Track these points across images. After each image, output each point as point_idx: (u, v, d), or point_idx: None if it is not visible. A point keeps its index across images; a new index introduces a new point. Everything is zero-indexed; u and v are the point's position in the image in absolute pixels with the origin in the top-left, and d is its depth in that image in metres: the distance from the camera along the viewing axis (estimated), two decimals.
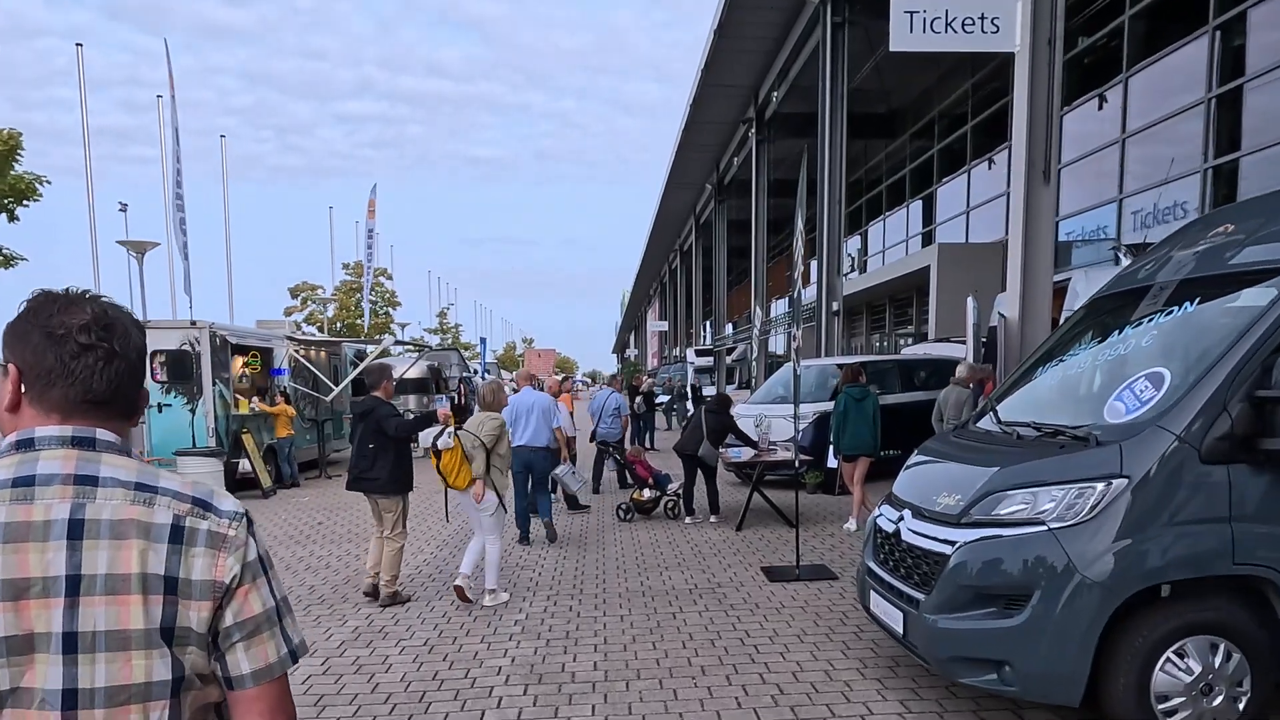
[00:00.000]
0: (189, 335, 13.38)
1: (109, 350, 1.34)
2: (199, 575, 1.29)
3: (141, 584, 1.24)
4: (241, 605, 1.33)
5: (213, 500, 1.37)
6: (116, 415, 1.38)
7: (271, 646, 1.36)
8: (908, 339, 22.01)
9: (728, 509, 10.91)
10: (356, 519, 11.01)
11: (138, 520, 1.27)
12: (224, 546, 1.33)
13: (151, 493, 1.30)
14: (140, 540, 1.26)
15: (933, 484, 4.43)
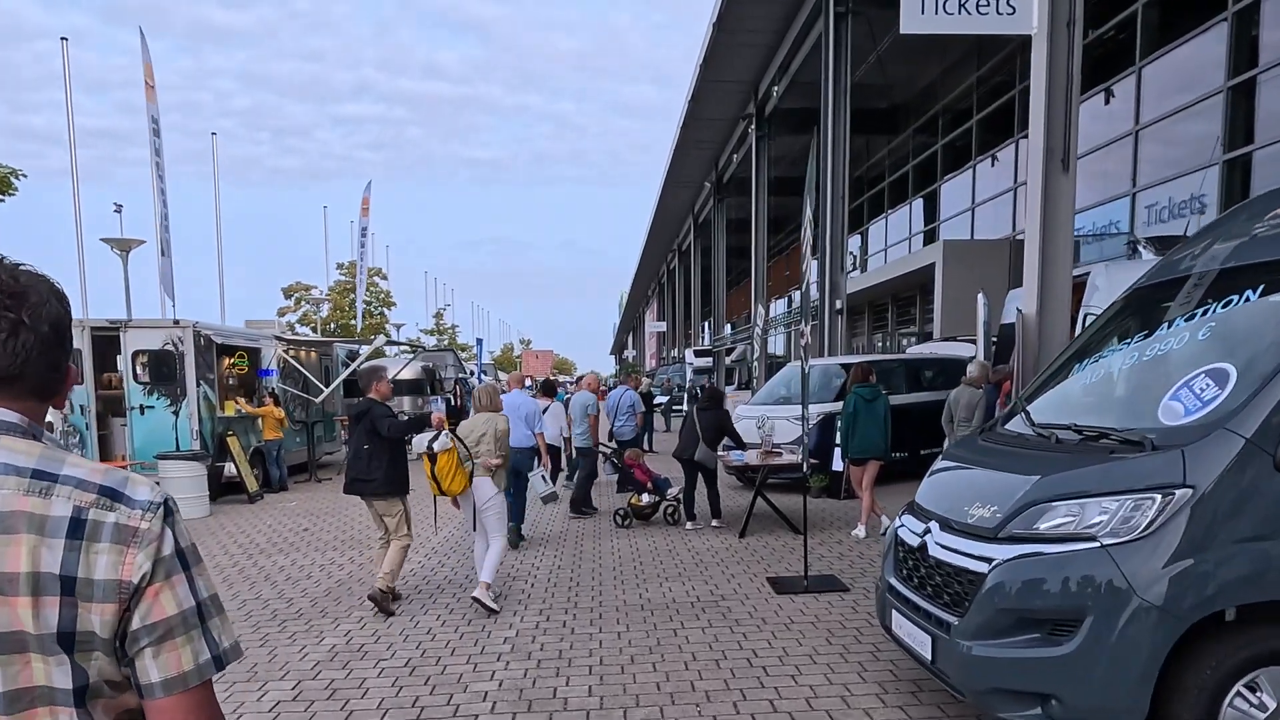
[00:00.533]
0: (172, 335, 12.94)
1: (15, 321, 1.20)
2: (102, 574, 1.16)
3: (32, 584, 1.12)
4: (151, 606, 1.19)
5: (125, 489, 1.22)
6: (26, 394, 1.24)
7: (187, 652, 1.21)
8: (911, 338, 21.60)
9: (730, 514, 10.49)
10: (344, 525, 10.58)
11: (29, 513, 1.15)
12: (133, 541, 1.19)
13: (50, 480, 1.18)
14: (31, 535, 1.14)
15: (963, 493, 4.00)
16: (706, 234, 36.64)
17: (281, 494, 14.06)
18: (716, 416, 9.82)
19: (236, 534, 10.29)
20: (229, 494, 13.36)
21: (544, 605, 6.62)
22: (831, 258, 15.66)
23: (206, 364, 13.46)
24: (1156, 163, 12.75)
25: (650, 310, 74.89)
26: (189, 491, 11.76)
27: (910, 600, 4.06)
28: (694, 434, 9.60)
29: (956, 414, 9.06)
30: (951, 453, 4.64)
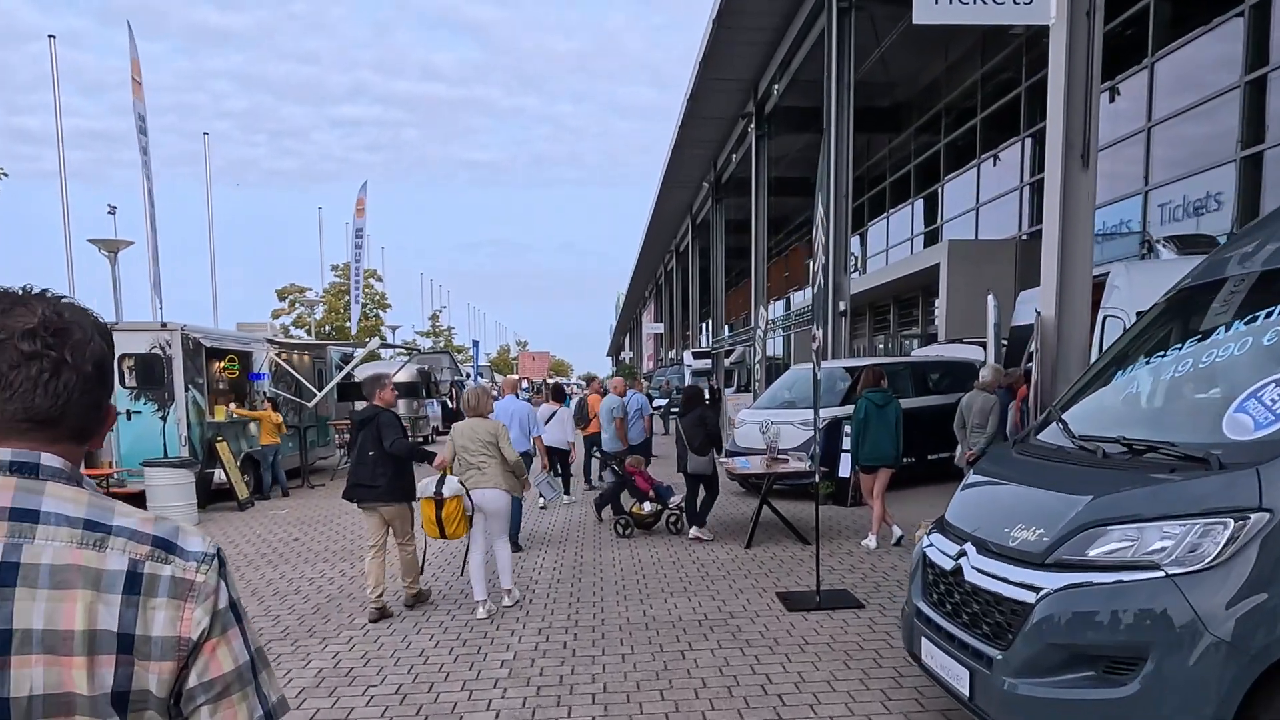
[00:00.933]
0: (159, 338, 12.60)
1: (57, 360, 1.16)
2: (160, 631, 1.12)
3: (88, 643, 1.07)
4: (208, 663, 1.16)
5: (178, 540, 1.18)
6: (66, 437, 1.19)
7: (243, 709, 1.18)
8: (914, 341, 21.30)
9: (734, 523, 10.17)
10: (336, 534, 10.24)
11: (85, 566, 1.10)
12: (191, 596, 1.15)
13: (104, 532, 1.13)
14: (88, 591, 1.09)
15: (1002, 513, 3.68)
16: (705, 235, 36.31)
17: (273, 501, 13.71)
18: (699, 416, 9.22)
19: (224, 544, 9.91)
20: (219, 501, 13.02)
21: (543, 623, 6.28)
22: (835, 258, 15.33)
23: (195, 367, 13.12)
24: (1170, 160, 12.45)
25: (647, 312, 74.53)
26: (176, 500, 11.41)
27: (944, 629, 3.73)
28: (681, 445, 9.11)
29: (969, 419, 8.75)
30: (984, 467, 4.30)
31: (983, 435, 8.55)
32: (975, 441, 8.65)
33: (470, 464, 6.61)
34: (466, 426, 6.77)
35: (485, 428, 6.69)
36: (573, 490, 12.87)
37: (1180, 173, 12.13)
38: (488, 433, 6.64)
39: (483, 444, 6.57)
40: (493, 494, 6.57)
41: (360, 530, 10.42)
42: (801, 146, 24.66)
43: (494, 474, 6.56)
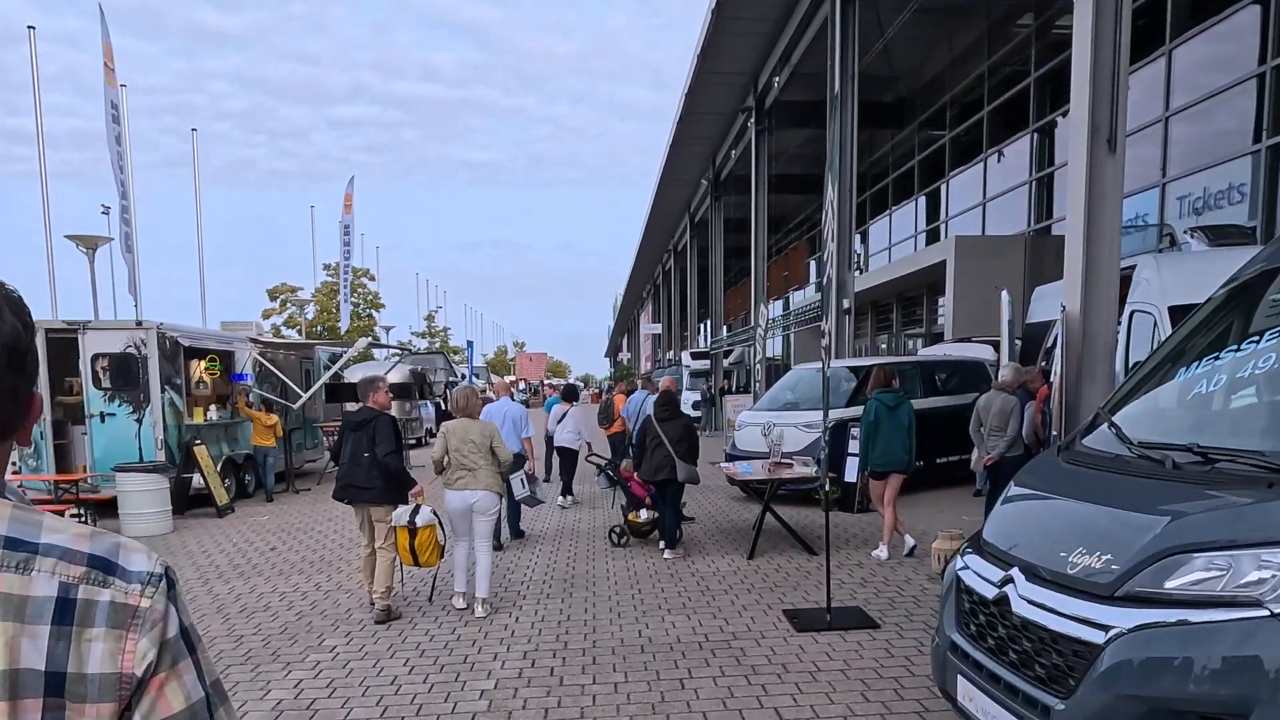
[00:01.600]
0: (134, 337, 12.06)
1: None
2: (98, 668, 0.94)
3: (9, 686, 0.89)
4: (155, 702, 0.97)
5: (118, 558, 1.00)
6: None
7: None
8: (917, 340, 20.80)
9: (734, 530, 9.66)
10: (316, 544, 9.70)
11: (5, 594, 0.92)
12: (134, 624, 0.97)
13: (29, 552, 0.95)
14: (9, 623, 0.91)
15: (1056, 534, 3.15)
16: (703, 233, 35.78)
17: (255, 507, 13.17)
18: (684, 425, 8.53)
19: (197, 554, 9.41)
20: (199, 506, 12.49)
21: (529, 645, 5.76)
22: (839, 255, 14.80)
23: (173, 368, 12.58)
24: (1190, 150, 11.94)
25: (645, 312, 74.04)
26: (149, 506, 10.89)
27: (986, 668, 3.20)
28: (664, 450, 8.35)
29: (987, 422, 8.22)
30: (1028, 479, 3.77)
31: (1002, 438, 8.04)
32: (993, 445, 8.13)
33: (462, 465, 6.54)
34: (459, 427, 6.68)
35: (478, 429, 6.65)
36: (574, 492, 12.49)
37: (1200, 164, 11.62)
38: (481, 434, 6.61)
39: (475, 445, 6.53)
40: (484, 496, 6.52)
41: (341, 539, 9.92)
42: (801, 142, 24.16)
43: (485, 476, 6.52)
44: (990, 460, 8.15)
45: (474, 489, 6.49)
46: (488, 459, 6.55)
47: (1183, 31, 11.99)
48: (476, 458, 6.51)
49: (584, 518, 10.98)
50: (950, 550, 6.87)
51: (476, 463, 6.50)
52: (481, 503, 6.51)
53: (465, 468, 6.52)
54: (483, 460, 6.53)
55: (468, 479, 6.50)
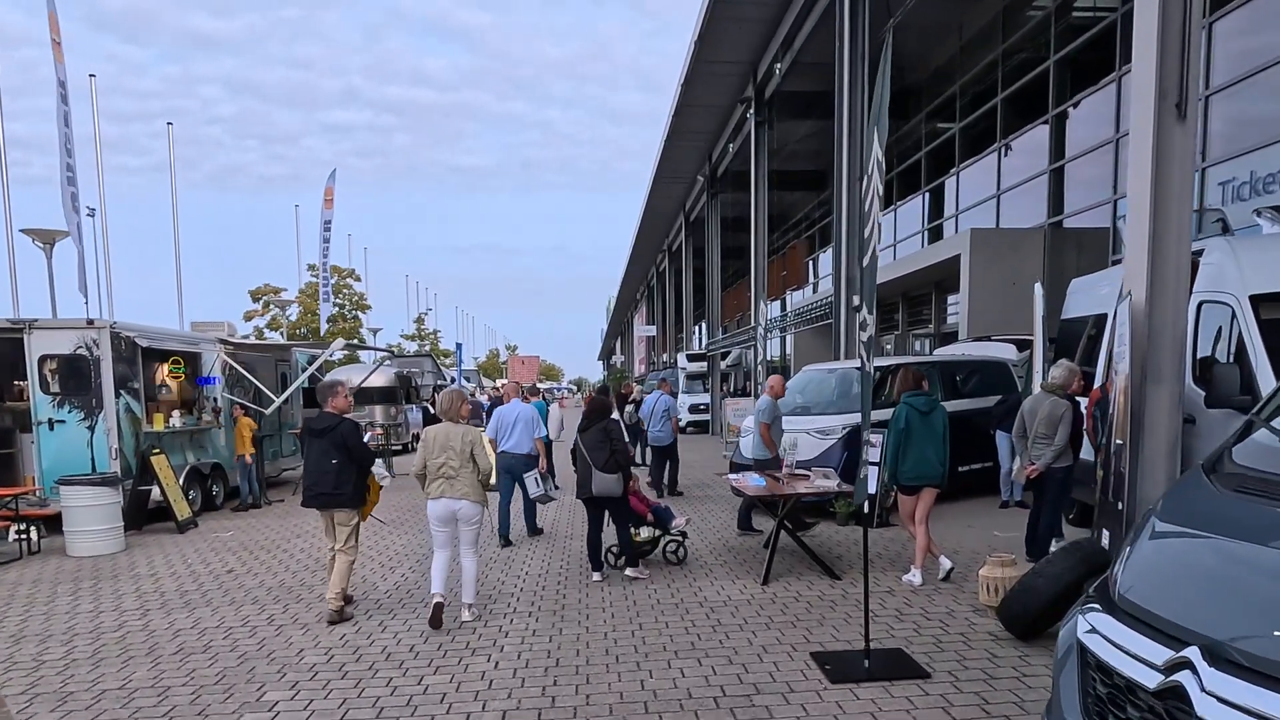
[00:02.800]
0: (85, 336, 11.05)
1: None
2: None
3: None
4: None
5: None
6: None
7: None
8: (926, 340, 19.89)
9: (743, 549, 8.71)
10: (279, 565, 8.70)
11: None
12: None
13: None
14: None
15: (1252, 596, 2.21)
16: (699, 232, 34.86)
17: (221, 520, 12.15)
18: (603, 432, 7.53)
19: (144, 577, 8.41)
20: (161, 520, 11.49)
21: (510, 702, 4.78)
22: (849, 248, 13.90)
23: (129, 371, 11.59)
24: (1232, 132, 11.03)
25: (639, 315, 73.09)
26: (97, 523, 9.87)
27: None
28: (585, 461, 7.48)
29: (1032, 428, 7.29)
30: (1177, 511, 2.82)
31: (1048, 447, 7.11)
32: (1038, 454, 7.20)
33: (440, 474, 6.29)
34: (440, 433, 6.40)
35: (459, 435, 6.36)
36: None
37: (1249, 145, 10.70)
38: (463, 441, 6.32)
39: (456, 452, 6.27)
40: (466, 505, 6.32)
41: (307, 559, 8.93)
42: (801, 136, 23.25)
43: (465, 484, 6.28)
44: (1034, 471, 7.22)
45: (452, 497, 6.26)
46: (468, 467, 6.27)
47: (1221, 6, 11.09)
48: (456, 465, 6.24)
49: (577, 532, 10.01)
50: (1001, 579, 5.93)
51: (456, 470, 6.24)
52: (464, 511, 6.30)
53: (445, 476, 6.26)
54: (462, 468, 6.25)
55: (445, 487, 6.26)
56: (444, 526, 6.37)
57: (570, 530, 10.27)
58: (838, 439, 10.22)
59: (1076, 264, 14.67)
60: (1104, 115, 13.86)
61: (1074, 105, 14.83)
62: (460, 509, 6.30)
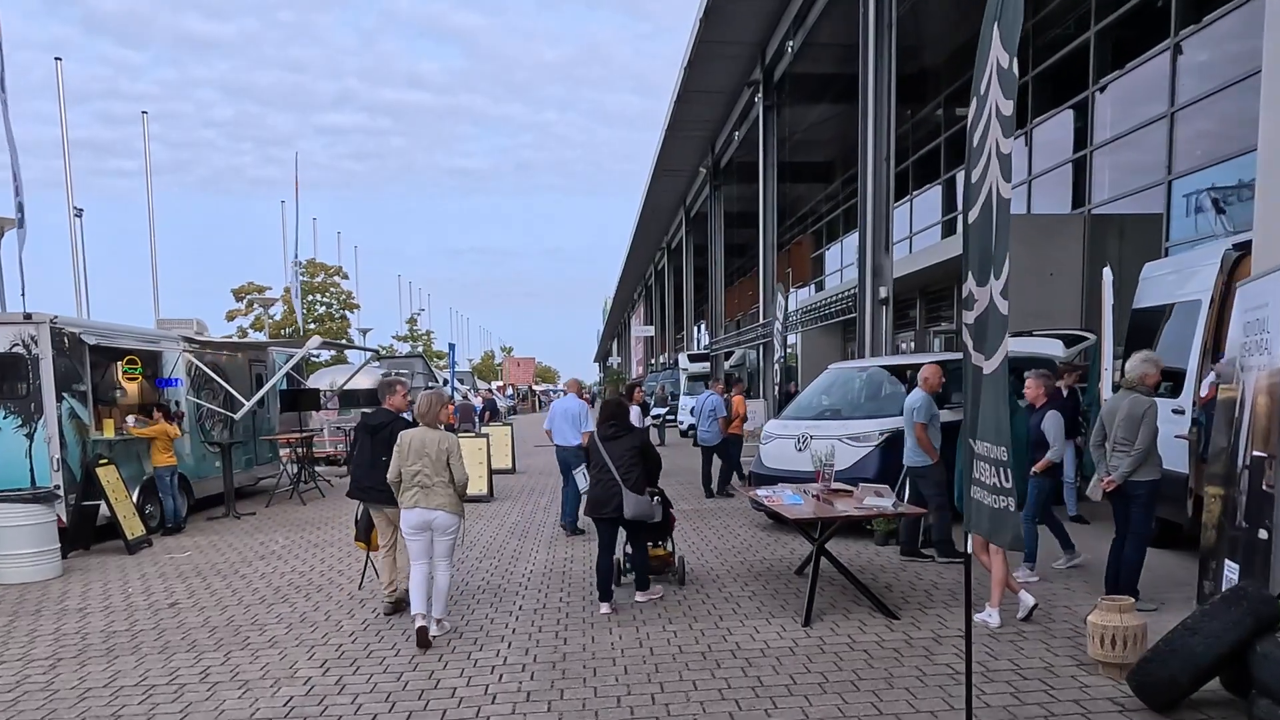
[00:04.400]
0: (21, 333, 9.79)
1: None
2: None
3: None
4: None
5: None
6: None
7: None
8: (947, 337, 18.67)
9: (769, 572, 7.50)
10: (234, 596, 7.44)
11: None
12: None
13: None
14: None
15: None
16: (700, 228, 33.68)
17: (180, 539, 10.89)
18: (634, 443, 6.68)
19: (71, 612, 7.17)
20: (109, 539, 10.23)
21: None
22: (874, 235, 12.69)
23: (74, 371, 10.32)
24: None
25: (636, 315, 71.85)
26: (26, 546, 8.62)
27: None
28: (610, 477, 6.53)
29: (1113, 432, 6.06)
30: None
31: (1126, 455, 5.89)
32: (1116, 463, 5.98)
33: (415, 483, 5.88)
34: (416, 438, 5.95)
35: (435, 441, 5.93)
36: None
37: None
38: (439, 448, 5.89)
39: (432, 460, 5.86)
40: (442, 516, 5.91)
41: (267, 589, 7.60)
42: (809, 125, 22.04)
43: (441, 495, 5.89)
44: (1110, 484, 5.98)
45: (426, 507, 5.87)
46: (443, 476, 5.89)
47: None
48: (431, 474, 5.86)
49: (578, 554, 8.78)
50: (1120, 630, 4.69)
51: (431, 479, 5.86)
52: (439, 521, 5.92)
53: (420, 485, 5.87)
54: (437, 477, 5.87)
55: (420, 497, 5.87)
56: (419, 535, 5.97)
57: (566, 559, 9.03)
58: (874, 447, 9.00)
59: (1119, 252, 13.51)
60: (1154, 89, 12.67)
61: (1118, 76, 13.64)
62: (435, 519, 5.91)
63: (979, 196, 3.69)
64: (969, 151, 3.80)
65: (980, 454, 3.77)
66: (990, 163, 3.58)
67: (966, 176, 3.89)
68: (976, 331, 3.78)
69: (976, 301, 3.77)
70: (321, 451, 20.82)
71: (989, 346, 3.68)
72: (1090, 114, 14.17)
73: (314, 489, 15.05)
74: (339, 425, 20.01)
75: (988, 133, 3.62)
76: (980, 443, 3.77)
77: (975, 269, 3.75)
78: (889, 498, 6.36)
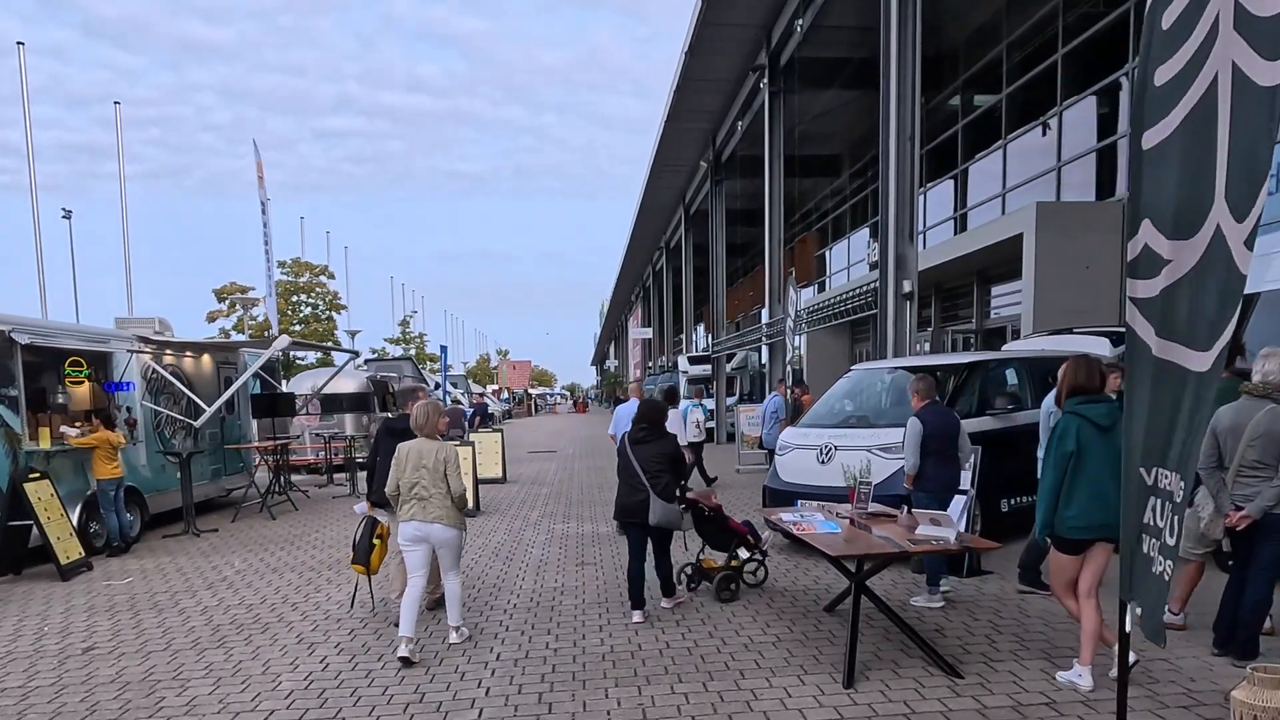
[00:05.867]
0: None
1: None
2: None
3: None
4: None
5: None
6: None
7: None
8: (968, 337, 17.55)
9: (794, 607, 6.34)
10: (163, 636, 6.27)
11: None
12: None
13: None
14: None
15: None
16: (700, 226, 32.54)
17: (124, 561, 9.73)
18: (663, 449, 6.36)
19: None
20: (42, 563, 9.07)
21: None
22: (896, 222, 11.55)
23: (4, 374, 9.18)
24: None
25: (633, 317, 70.72)
26: None
27: None
28: (638, 483, 6.26)
29: (1240, 453, 4.89)
30: None
31: (1266, 482, 4.75)
32: (1248, 492, 4.84)
33: (413, 495, 5.75)
34: (414, 450, 5.83)
35: (434, 452, 5.81)
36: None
37: None
38: (436, 459, 5.77)
39: (429, 471, 5.74)
40: (439, 529, 5.76)
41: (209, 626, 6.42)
42: (820, 111, 20.89)
43: (438, 506, 5.75)
44: (1245, 520, 4.84)
45: (424, 521, 5.73)
46: (441, 487, 5.73)
47: None
48: (429, 485, 5.73)
49: (570, 583, 7.63)
50: (1271, 710, 3.55)
51: (429, 491, 5.73)
52: (436, 534, 5.76)
53: (416, 497, 5.76)
54: (435, 489, 5.73)
55: (417, 510, 5.75)
56: (415, 546, 5.80)
57: (561, 582, 7.88)
58: None
59: None
60: None
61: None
62: (432, 533, 5.74)
63: (1179, 101, 2.49)
64: (1154, 39, 2.60)
65: (1161, 488, 2.60)
66: (1216, 37, 2.36)
67: (1146, 78, 2.70)
68: (1166, 308, 2.57)
69: (1168, 263, 2.56)
70: (303, 459, 19.70)
71: (1202, 330, 2.41)
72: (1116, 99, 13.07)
73: (286, 501, 13.93)
74: (319, 432, 18.85)
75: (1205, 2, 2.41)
76: (1163, 473, 2.59)
77: (1167, 212, 2.54)
78: (950, 528, 5.17)
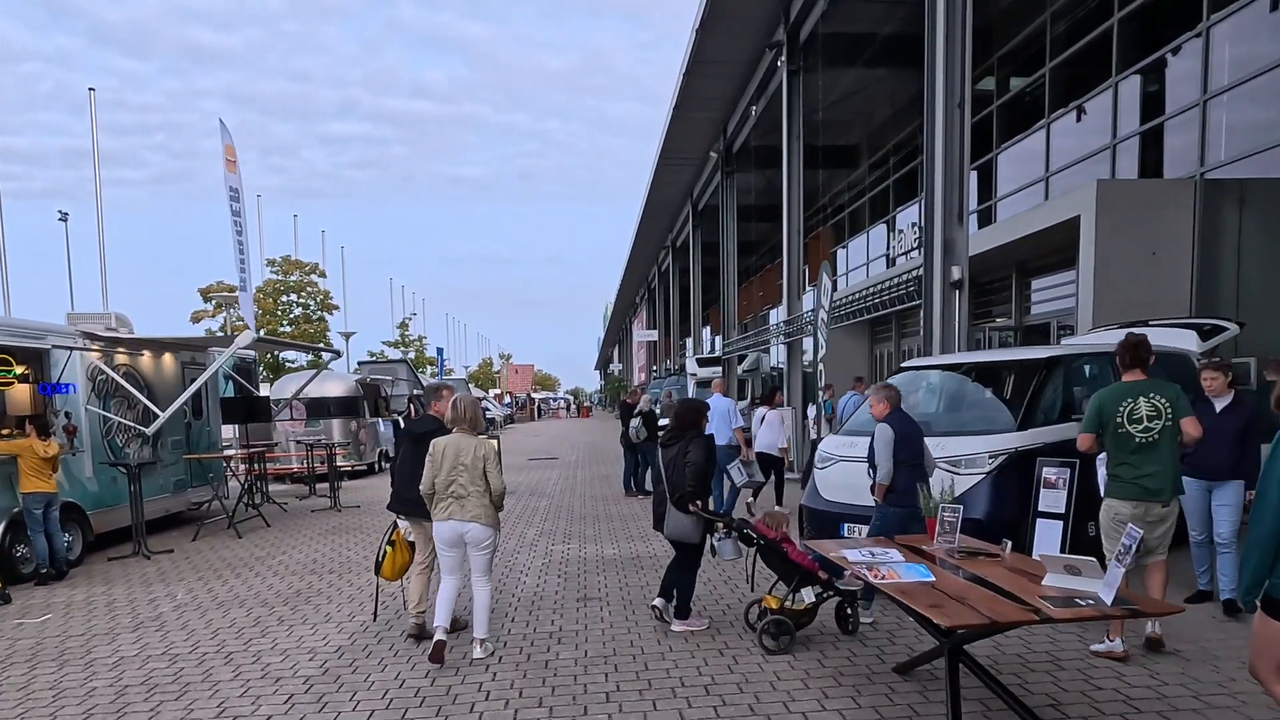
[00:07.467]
0: None
1: None
2: None
3: None
4: None
5: None
6: None
7: None
8: (1007, 335, 16.11)
9: (837, 655, 4.88)
10: (49, 703, 4.88)
11: None
12: None
13: None
14: None
15: None
16: (709, 222, 31.18)
17: (54, 589, 8.36)
18: (684, 454, 5.90)
19: None
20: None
21: None
22: (944, 202, 10.13)
23: None
24: None
25: (638, 319, 69.39)
26: None
27: None
28: (662, 488, 6.07)
29: None
30: None
31: None
32: None
33: (449, 493, 5.52)
34: (451, 445, 5.56)
35: (471, 447, 5.57)
36: None
37: None
38: (475, 455, 5.55)
39: (468, 467, 5.51)
40: (474, 528, 5.55)
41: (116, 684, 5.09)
42: (833, 102, 19.52)
43: (475, 505, 5.53)
44: None
45: (461, 520, 5.53)
46: (479, 485, 5.52)
47: None
48: (467, 483, 5.51)
49: (569, 624, 6.23)
50: None
51: (466, 489, 5.52)
52: (473, 534, 5.56)
53: (454, 495, 5.53)
54: (474, 487, 5.52)
55: (454, 508, 5.53)
56: (452, 550, 5.68)
57: (559, 623, 6.48)
58: (985, 474, 6.43)
59: (1239, 225, 11.02)
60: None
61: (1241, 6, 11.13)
62: (469, 532, 5.58)
63: None
64: None
65: None
66: None
67: None
68: None
69: None
70: (285, 468, 18.35)
71: None
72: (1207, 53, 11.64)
73: (257, 516, 12.57)
74: (301, 438, 17.49)
75: None
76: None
77: None
78: (1098, 579, 3.69)
